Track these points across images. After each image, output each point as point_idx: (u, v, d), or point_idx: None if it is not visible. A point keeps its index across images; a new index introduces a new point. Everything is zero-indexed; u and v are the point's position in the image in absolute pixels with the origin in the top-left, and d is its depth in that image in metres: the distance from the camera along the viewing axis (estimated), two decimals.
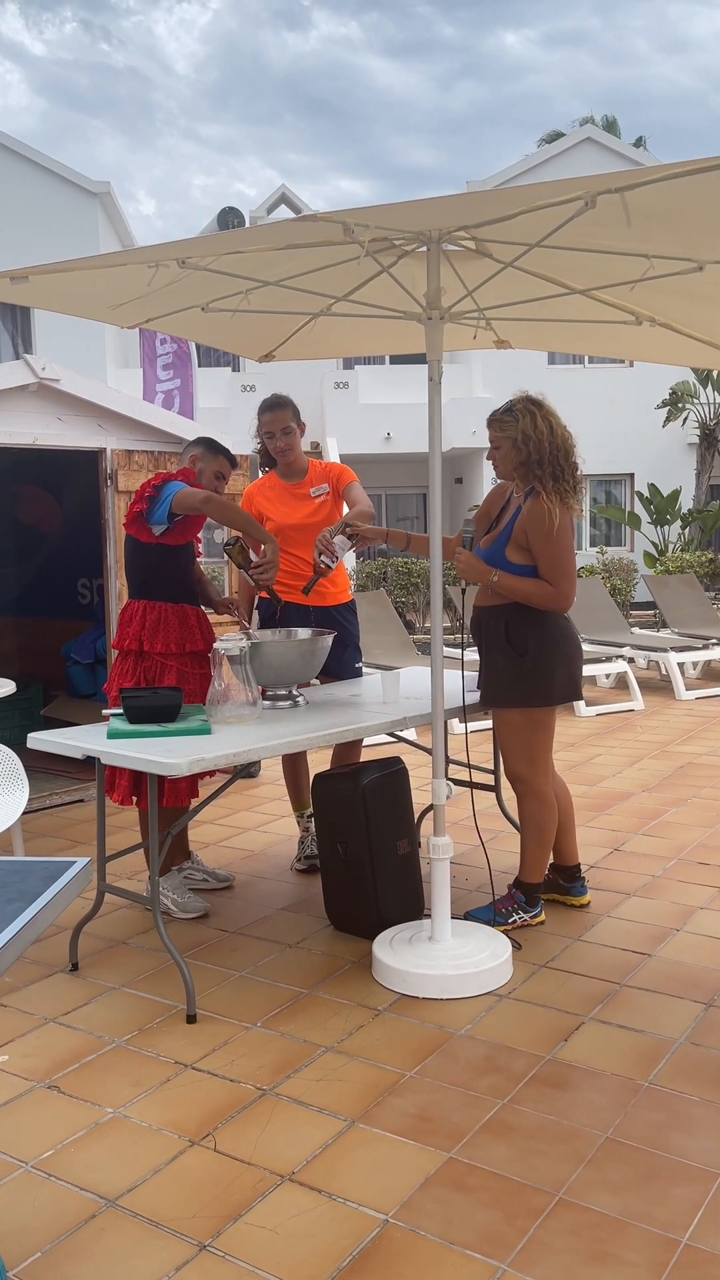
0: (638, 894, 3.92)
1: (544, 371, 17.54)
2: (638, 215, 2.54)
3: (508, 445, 3.39)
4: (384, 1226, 2.09)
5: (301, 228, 2.62)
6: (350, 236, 2.62)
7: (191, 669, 3.75)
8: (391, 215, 2.63)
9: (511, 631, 3.40)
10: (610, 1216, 2.11)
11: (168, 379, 7.78)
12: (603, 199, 2.40)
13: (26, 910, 1.72)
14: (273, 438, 4.13)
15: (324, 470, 4.27)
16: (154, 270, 2.99)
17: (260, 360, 4.29)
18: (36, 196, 16.58)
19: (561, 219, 2.69)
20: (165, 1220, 2.13)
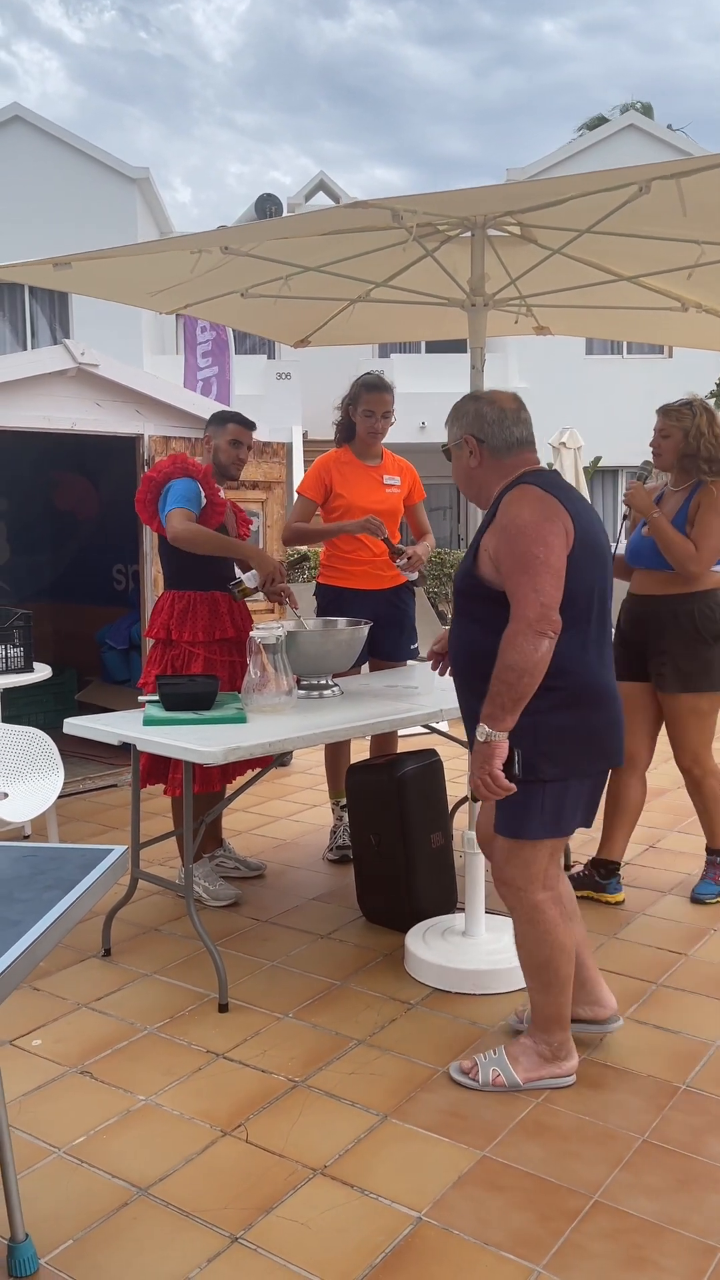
0: (673, 892, 3.87)
1: (581, 362, 17.39)
2: (691, 202, 2.48)
3: (679, 435, 3.54)
4: (417, 1224, 2.07)
5: (348, 214, 2.59)
6: (398, 222, 2.58)
7: (220, 657, 3.74)
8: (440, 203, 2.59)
9: (700, 619, 3.54)
10: (647, 1221, 2.07)
11: (207, 366, 7.78)
12: (656, 185, 2.35)
13: (64, 898, 1.71)
14: (371, 416, 4.13)
15: (398, 464, 4.32)
16: (197, 257, 2.97)
17: (296, 346, 4.26)
18: (76, 182, 16.62)
19: (613, 205, 2.64)
20: (197, 1211, 2.12)
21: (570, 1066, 2.55)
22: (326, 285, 3.61)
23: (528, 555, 2.30)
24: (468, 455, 2.53)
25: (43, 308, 17.10)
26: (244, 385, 16.22)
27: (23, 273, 3.01)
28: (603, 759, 2.46)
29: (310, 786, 5.48)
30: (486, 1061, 2.56)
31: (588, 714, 2.40)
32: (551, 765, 2.38)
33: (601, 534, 2.47)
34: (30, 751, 3.98)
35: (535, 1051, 2.54)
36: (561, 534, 2.33)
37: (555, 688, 2.35)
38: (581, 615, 2.40)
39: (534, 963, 2.51)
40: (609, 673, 2.48)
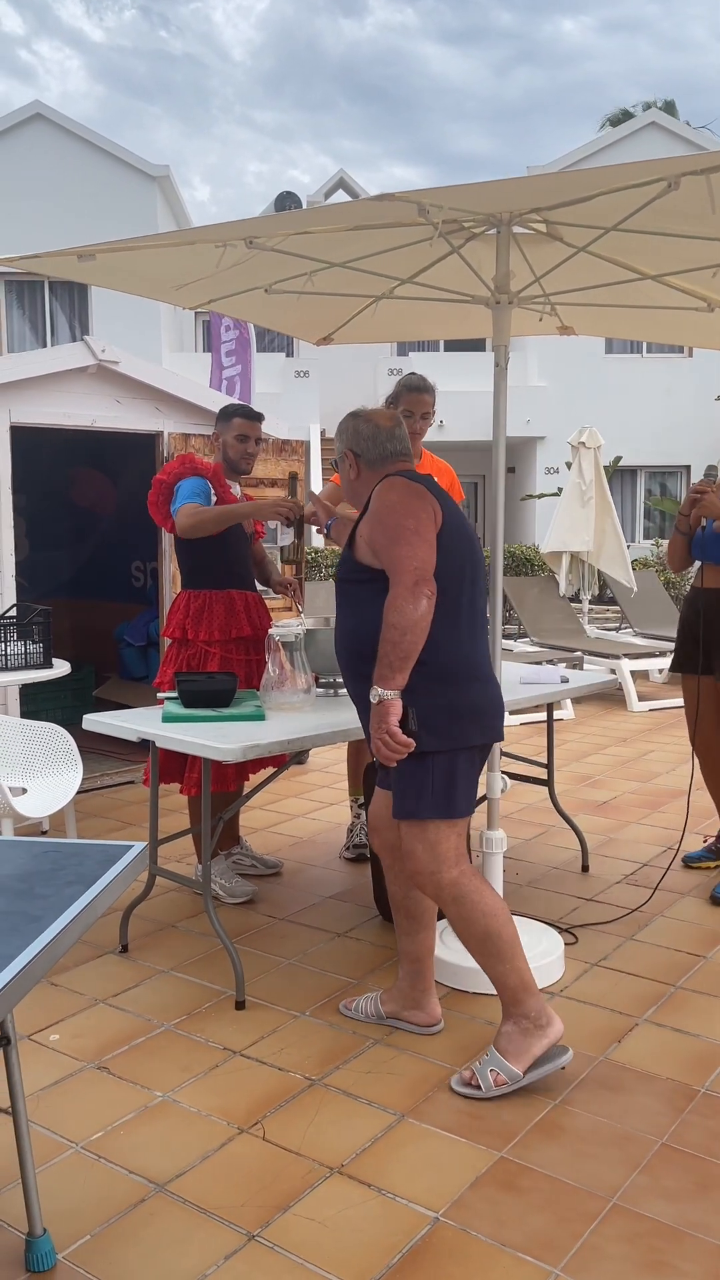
0: (692, 894, 3.85)
1: (600, 361, 17.31)
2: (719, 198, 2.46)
3: None
4: (434, 1224, 2.07)
5: (374, 208, 2.57)
6: (425, 217, 2.57)
7: (236, 655, 3.74)
8: (468, 196, 2.57)
9: None
10: (666, 1225, 2.06)
11: (230, 365, 7.79)
12: (687, 180, 2.33)
13: (84, 894, 1.71)
14: (411, 417, 4.14)
15: (437, 465, 4.37)
16: (221, 250, 2.96)
17: (318, 344, 4.26)
18: (96, 180, 16.67)
19: (640, 202, 2.62)
20: (214, 1208, 2.12)
21: (557, 1030, 2.54)
22: (350, 282, 3.60)
23: (399, 528, 2.44)
24: (348, 468, 2.71)
25: (62, 305, 17.16)
26: (263, 383, 16.24)
27: (47, 264, 3.01)
28: (481, 733, 2.55)
29: (327, 785, 5.48)
30: (483, 1066, 2.53)
31: (461, 689, 2.51)
32: (431, 736, 2.47)
33: (468, 523, 2.62)
34: (49, 747, 4.00)
35: (518, 1032, 2.53)
36: (429, 511, 2.48)
37: (427, 662, 2.47)
38: (451, 596, 2.52)
39: (476, 938, 2.53)
40: (482, 652, 2.60)
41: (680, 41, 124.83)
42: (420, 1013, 2.81)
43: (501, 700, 2.62)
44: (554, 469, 17.01)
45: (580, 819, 4.83)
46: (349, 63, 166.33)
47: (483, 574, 2.65)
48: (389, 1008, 2.84)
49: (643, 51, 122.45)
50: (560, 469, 16.85)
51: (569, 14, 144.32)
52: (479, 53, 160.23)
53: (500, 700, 2.61)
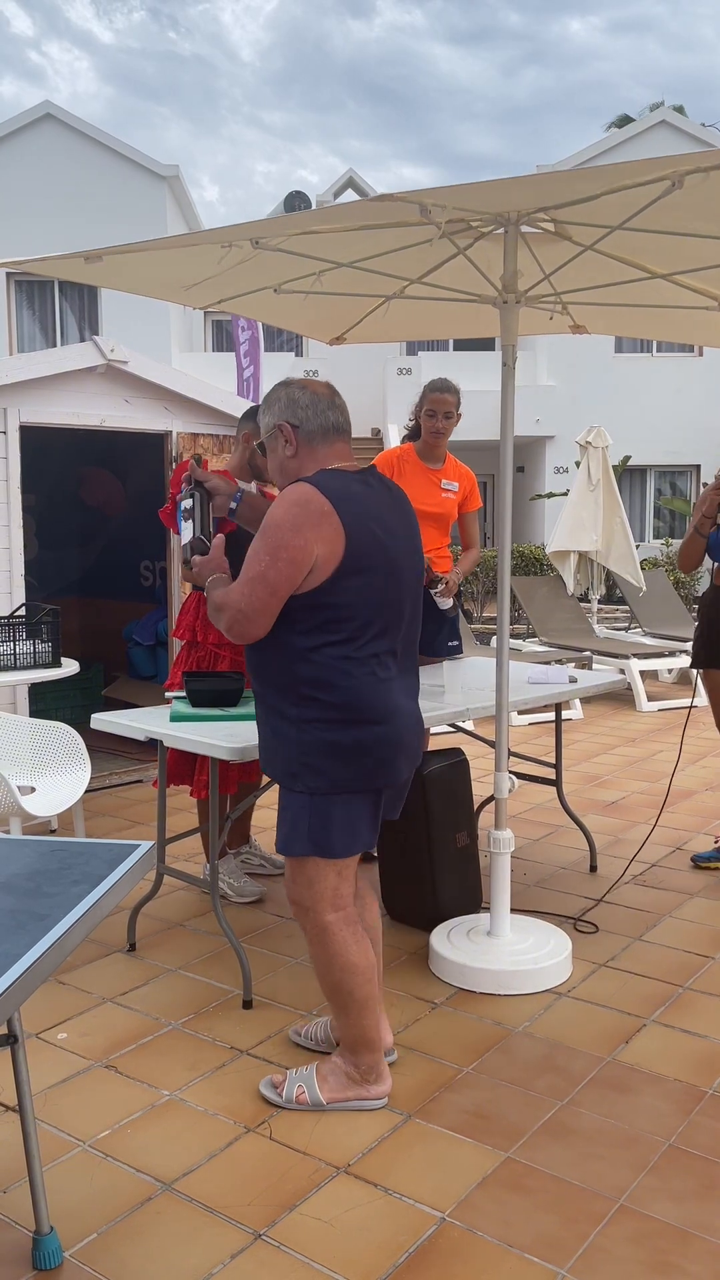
0: (701, 894, 3.84)
1: (610, 360, 17.28)
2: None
3: None
4: (440, 1224, 2.07)
5: (376, 208, 2.57)
6: (427, 217, 2.57)
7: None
8: (469, 196, 2.57)
9: None
10: (673, 1226, 2.06)
11: (247, 366, 7.81)
12: (694, 179, 2.32)
13: (92, 893, 1.71)
14: (434, 417, 4.20)
15: (459, 470, 4.44)
16: (226, 250, 2.97)
17: (331, 343, 4.26)
18: (106, 180, 16.70)
19: (646, 200, 2.61)
20: (220, 1207, 2.12)
21: (381, 1090, 2.45)
22: (359, 282, 3.60)
23: (254, 558, 2.22)
24: (283, 444, 2.38)
25: (72, 305, 17.20)
26: (271, 383, 16.24)
27: (55, 266, 3.01)
28: (373, 777, 2.32)
29: None
30: (295, 1077, 2.47)
31: (355, 731, 2.28)
32: (313, 777, 2.29)
33: (396, 548, 2.33)
34: (57, 746, 4.00)
35: (344, 1072, 2.45)
36: (301, 554, 2.20)
37: (318, 700, 2.28)
38: (359, 630, 2.28)
39: (327, 985, 2.40)
40: (391, 690, 2.34)
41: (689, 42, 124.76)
42: None
43: (409, 741, 2.37)
44: (563, 468, 16.98)
45: (589, 819, 4.82)
46: (357, 63, 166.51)
47: (409, 603, 2.38)
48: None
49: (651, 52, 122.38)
50: (570, 468, 16.82)
51: (577, 14, 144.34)
52: (487, 53, 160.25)
53: (407, 742, 2.36)
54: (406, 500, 2.47)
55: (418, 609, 2.45)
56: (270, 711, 2.36)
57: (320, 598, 2.24)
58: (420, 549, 2.48)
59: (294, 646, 2.28)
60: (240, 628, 2.25)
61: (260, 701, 2.39)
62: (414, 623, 2.43)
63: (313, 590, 2.24)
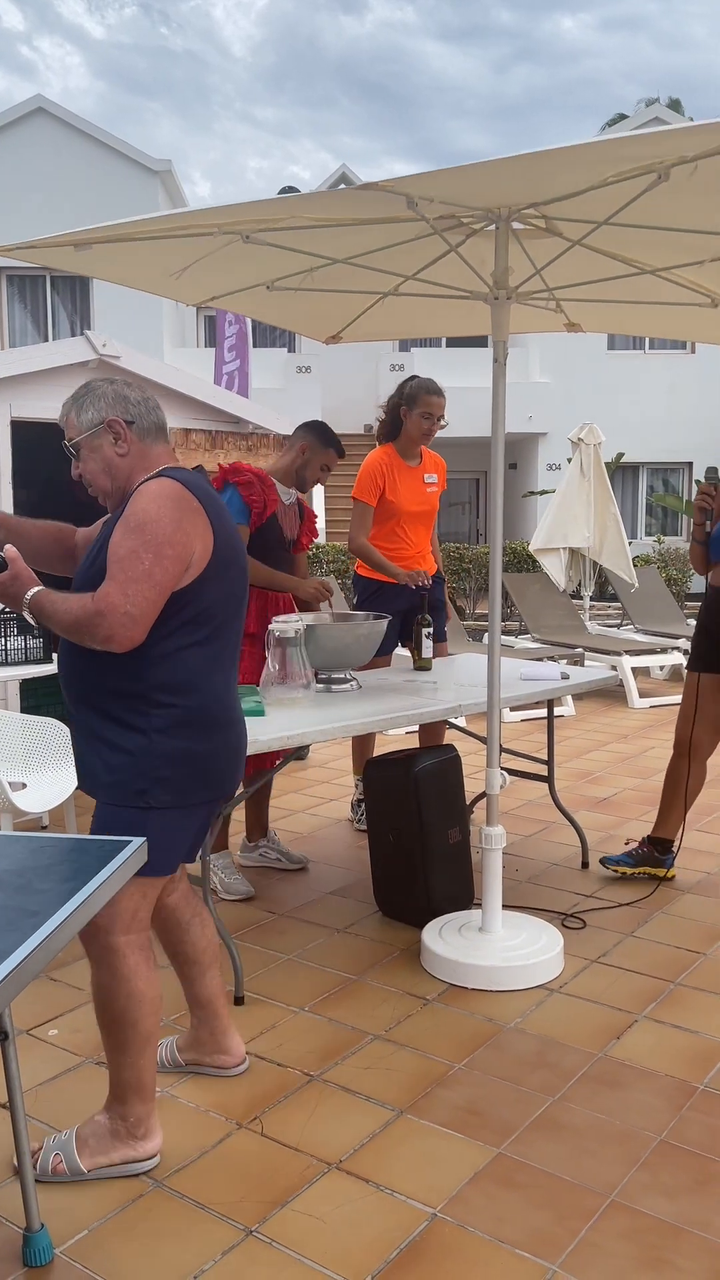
0: (692, 891, 3.85)
1: (603, 357, 17.29)
2: (713, 187, 2.44)
3: None
4: (432, 1220, 2.07)
5: (366, 198, 2.56)
6: (415, 211, 2.56)
7: (246, 649, 3.76)
8: (456, 182, 2.55)
9: None
10: (665, 1222, 2.06)
11: (231, 360, 7.80)
12: (682, 170, 2.32)
13: (83, 889, 1.70)
14: (430, 419, 4.31)
15: (434, 460, 4.56)
16: (214, 238, 2.95)
17: (326, 342, 4.25)
18: (98, 174, 16.65)
19: (633, 194, 2.61)
20: (212, 1203, 2.12)
21: (151, 1147, 2.22)
22: (352, 279, 3.59)
23: (132, 558, 2.06)
24: (112, 441, 2.21)
25: (64, 300, 17.15)
26: (265, 379, 16.23)
27: (44, 254, 2.99)
28: (212, 788, 2.24)
29: (327, 780, 5.47)
30: (52, 1144, 2.22)
31: (203, 739, 2.19)
32: (164, 791, 2.16)
33: (240, 545, 2.27)
34: (49, 742, 3.99)
35: (108, 1130, 2.21)
36: (184, 550, 2.10)
37: (175, 706, 2.15)
38: (216, 630, 2.21)
39: (108, 1015, 2.17)
40: (232, 695, 2.28)
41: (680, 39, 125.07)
42: (223, 1055, 2.56)
43: (240, 745, 2.30)
44: (556, 465, 16.99)
45: (580, 815, 4.82)
46: (349, 59, 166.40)
47: (244, 605, 2.32)
48: (187, 1056, 2.58)
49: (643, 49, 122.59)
50: (562, 465, 16.83)
51: (569, 12, 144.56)
52: (479, 50, 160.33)
53: (237, 746, 2.29)
54: None
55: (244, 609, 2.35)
56: (107, 723, 2.17)
57: (188, 597, 2.14)
58: None
59: (151, 649, 2.13)
60: (126, 633, 2.05)
61: (90, 713, 2.19)
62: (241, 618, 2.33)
63: (182, 589, 2.12)
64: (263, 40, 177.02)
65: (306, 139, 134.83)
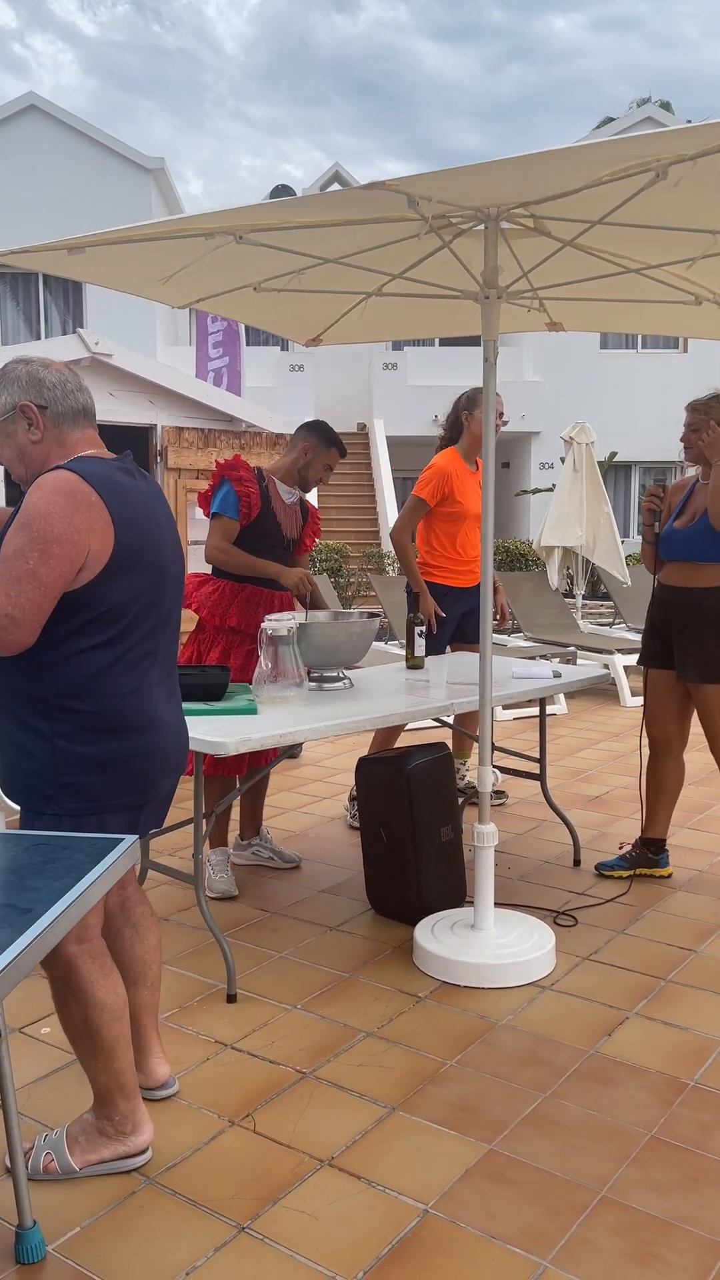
0: (683, 889, 3.86)
1: (595, 356, 17.32)
2: (709, 184, 2.45)
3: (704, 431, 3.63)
4: (424, 1216, 2.07)
5: (363, 203, 2.56)
6: (415, 210, 2.56)
7: (250, 646, 3.80)
8: (461, 182, 2.56)
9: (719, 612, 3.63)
10: (655, 1217, 2.07)
11: (217, 357, 7.79)
12: (674, 170, 2.32)
13: (75, 886, 1.71)
14: (500, 416, 4.46)
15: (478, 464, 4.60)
16: (207, 240, 2.95)
17: (307, 344, 4.25)
18: (91, 172, 16.62)
19: (629, 192, 2.62)
20: (204, 1200, 2.12)
21: (141, 1141, 2.21)
22: (339, 279, 3.59)
23: (18, 556, 1.97)
24: (25, 428, 2.13)
25: (56, 298, 17.12)
26: (257, 377, 16.22)
27: (36, 259, 3.00)
28: (132, 794, 2.15)
29: (320, 779, 5.48)
30: (43, 1144, 2.22)
31: (113, 745, 2.10)
32: (72, 798, 2.10)
33: (163, 543, 2.16)
34: None
35: (96, 1129, 2.21)
36: (74, 549, 2.00)
37: (80, 711, 2.07)
38: (124, 632, 2.10)
39: (72, 1027, 2.14)
40: (153, 697, 2.16)
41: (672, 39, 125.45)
42: (142, 1075, 2.46)
43: (171, 751, 2.20)
44: (548, 464, 17.02)
45: (572, 813, 4.83)
46: (342, 58, 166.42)
47: (171, 605, 2.21)
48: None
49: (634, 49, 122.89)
50: (555, 464, 16.85)
51: (561, 12, 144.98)
52: (472, 50, 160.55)
53: (169, 752, 2.19)
54: (161, 492, 2.29)
55: (178, 609, 2.27)
56: (18, 728, 2.10)
57: (86, 597, 2.03)
58: (179, 544, 2.28)
59: (51, 652, 2.05)
60: (9, 637, 1.96)
61: (4, 717, 2.13)
62: (176, 624, 2.26)
63: (79, 589, 2.02)
64: (255, 38, 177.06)
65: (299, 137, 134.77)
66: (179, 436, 5.43)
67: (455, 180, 2.50)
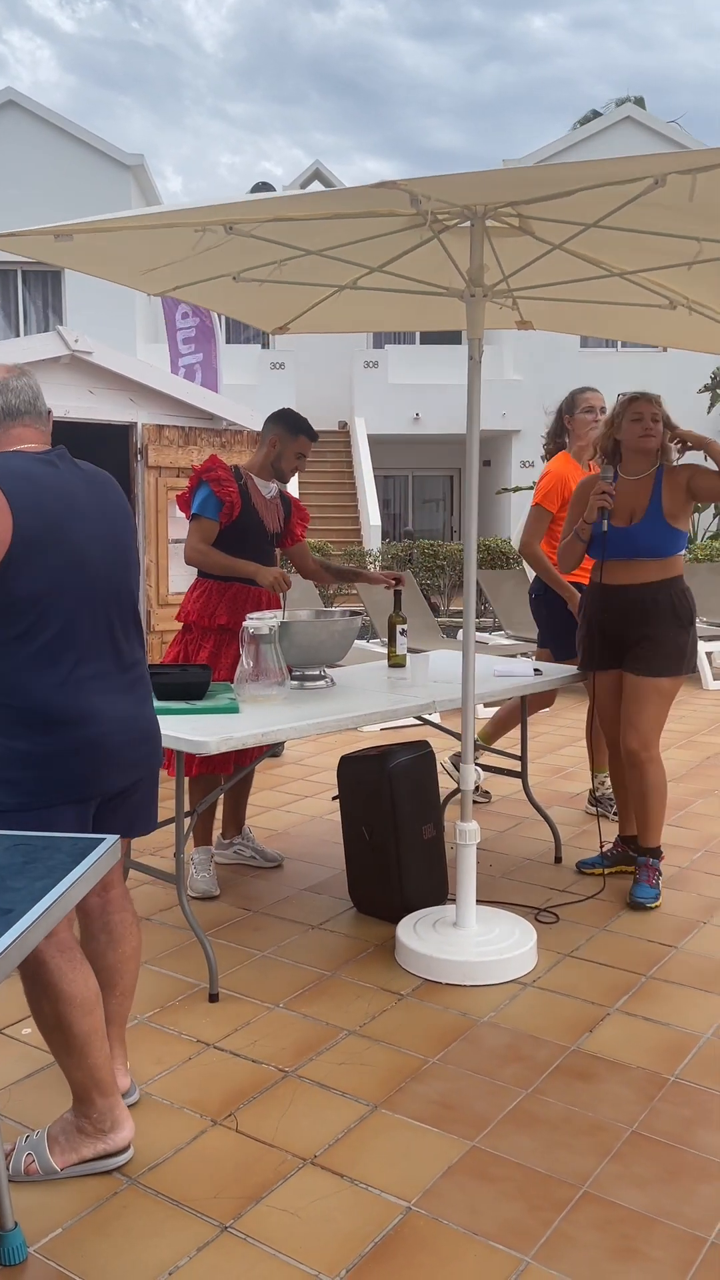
0: (664, 885, 3.88)
1: (576, 356, 17.38)
2: (700, 197, 2.47)
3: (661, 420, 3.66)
4: (406, 1214, 2.08)
5: (366, 195, 2.55)
6: (417, 208, 2.57)
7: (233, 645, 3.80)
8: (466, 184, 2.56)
9: (678, 603, 3.64)
10: (636, 1212, 2.08)
11: (189, 353, 7.74)
12: (672, 177, 2.34)
13: (56, 886, 1.70)
14: (591, 412, 4.55)
15: None
16: (200, 234, 2.94)
17: (273, 333, 4.24)
18: (70, 168, 16.54)
19: (624, 199, 2.62)
20: (186, 1200, 2.12)
21: (121, 1138, 2.20)
22: (318, 271, 3.58)
23: None
24: None
25: (35, 295, 17.02)
26: (238, 374, 16.18)
27: (21, 243, 2.96)
28: (69, 789, 2.13)
29: (303, 778, 5.47)
30: (24, 1145, 2.20)
31: (42, 740, 2.09)
32: (11, 795, 2.09)
33: (82, 533, 2.15)
34: None
35: (75, 1127, 2.20)
36: None
37: (4, 706, 2.08)
38: (38, 623, 2.08)
39: (44, 1023, 2.12)
40: (87, 689, 2.15)
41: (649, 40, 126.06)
42: None
43: (116, 745, 2.17)
44: (529, 463, 17.07)
45: (554, 811, 4.85)
46: (321, 56, 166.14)
47: (115, 593, 2.20)
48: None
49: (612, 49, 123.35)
50: (535, 463, 16.90)
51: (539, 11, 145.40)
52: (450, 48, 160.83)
53: (112, 746, 2.17)
54: (112, 486, 2.29)
55: (123, 600, 2.24)
56: None
57: None
58: (126, 536, 2.27)
59: None
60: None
61: None
62: (121, 614, 2.23)
63: None
64: (234, 36, 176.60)
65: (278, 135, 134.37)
66: (159, 434, 5.41)
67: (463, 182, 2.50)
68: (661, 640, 3.61)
